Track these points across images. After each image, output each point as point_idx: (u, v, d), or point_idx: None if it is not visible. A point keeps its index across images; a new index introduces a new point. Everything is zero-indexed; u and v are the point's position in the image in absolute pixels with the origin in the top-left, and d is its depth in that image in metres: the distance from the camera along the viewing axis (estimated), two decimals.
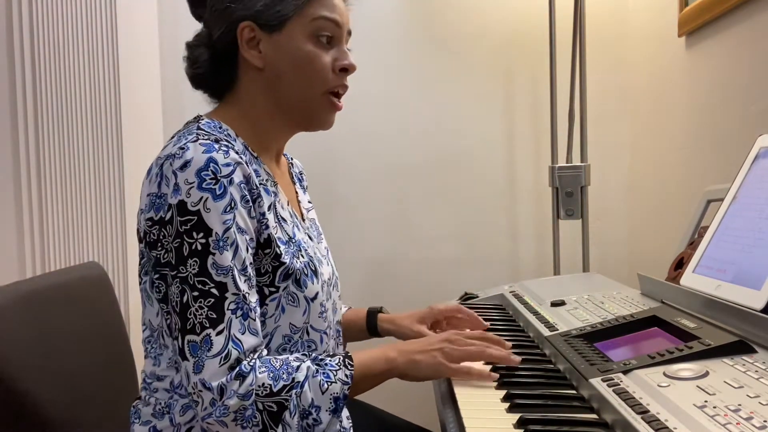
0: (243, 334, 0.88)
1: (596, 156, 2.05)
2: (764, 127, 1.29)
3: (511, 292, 1.52)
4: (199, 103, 1.10)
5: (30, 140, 1.75)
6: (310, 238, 1.08)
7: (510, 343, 1.06)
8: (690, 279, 1.08)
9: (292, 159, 1.24)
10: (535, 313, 1.27)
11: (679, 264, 1.23)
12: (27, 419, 0.98)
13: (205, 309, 0.87)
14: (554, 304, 1.30)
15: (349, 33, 1.07)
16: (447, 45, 2.16)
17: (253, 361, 0.88)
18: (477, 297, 1.58)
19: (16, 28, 1.73)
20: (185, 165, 0.88)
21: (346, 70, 1.03)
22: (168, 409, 0.96)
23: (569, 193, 1.94)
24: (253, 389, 0.86)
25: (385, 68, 2.13)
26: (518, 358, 1.00)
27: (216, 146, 0.90)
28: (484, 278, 2.08)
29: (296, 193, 1.16)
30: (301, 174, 1.24)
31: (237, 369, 0.86)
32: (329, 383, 0.90)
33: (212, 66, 1.03)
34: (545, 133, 2.05)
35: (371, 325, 1.31)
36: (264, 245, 0.95)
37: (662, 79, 1.92)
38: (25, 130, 1.74)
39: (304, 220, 1.11)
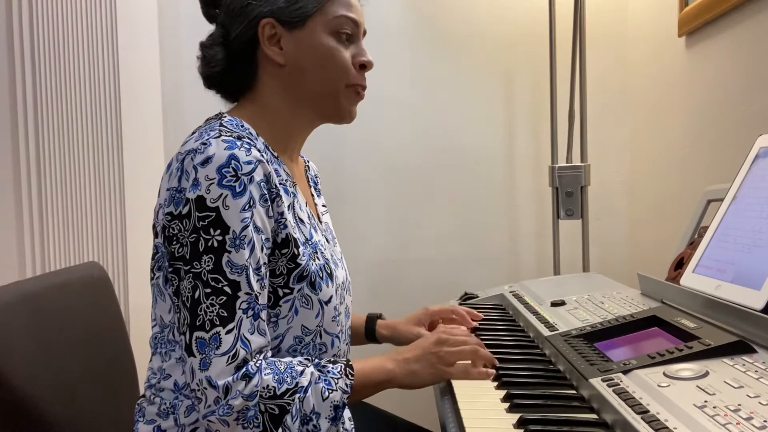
0: (252, 334, 0.88)
1: (596, 156, 2.05)
2: (764, 127, 1.29)
3: (511, 292, 1.52)
4: (200, 103, 1.10)
5: (30, 140, 1.75)
6: (327, 240, 1.08)
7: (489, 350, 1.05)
8: (690, 279, 1.08)
9: (308, 161, 1.23)
10: (535, 313, 1.27)
11: (679, 264, 1.23)
12: (26, 419, 0.98)
13: (217, 306, 0.86)
14: (554, 304, 1.30)
15: (365, 33, 1.08)
16: (447, 45, 2.16)
17: (259, 362, 0.88)
18: (477, 297, 1.58)
19: (16, 28, 1.73)
20: (207, 161, 0.88)
21: (365, 66, 1.05)
22: (173, 409, 0.96)
23: (569, 193, 1.94)
24: (257, 390, 0.86)
25: (385, 69, 2.13)
26: (497, 363, 1.03)
27: (238, 143, 0.90)
28: (484, 278, 2.08)
29: (312, 195, 1.16)
30: (316, 177, 1.23)
31: (243, 369, 0.86)
32: (330, 391, 0.90)
33: (228, 64, 1.03)
34: (545, 133, 2.06)
35: (370, 331, 1.31)
36: (281, 245, 0.94)
37: (662, 79, 1.92)
38: (25, 130, 1.74)
39: (320, 222, 1.11)
